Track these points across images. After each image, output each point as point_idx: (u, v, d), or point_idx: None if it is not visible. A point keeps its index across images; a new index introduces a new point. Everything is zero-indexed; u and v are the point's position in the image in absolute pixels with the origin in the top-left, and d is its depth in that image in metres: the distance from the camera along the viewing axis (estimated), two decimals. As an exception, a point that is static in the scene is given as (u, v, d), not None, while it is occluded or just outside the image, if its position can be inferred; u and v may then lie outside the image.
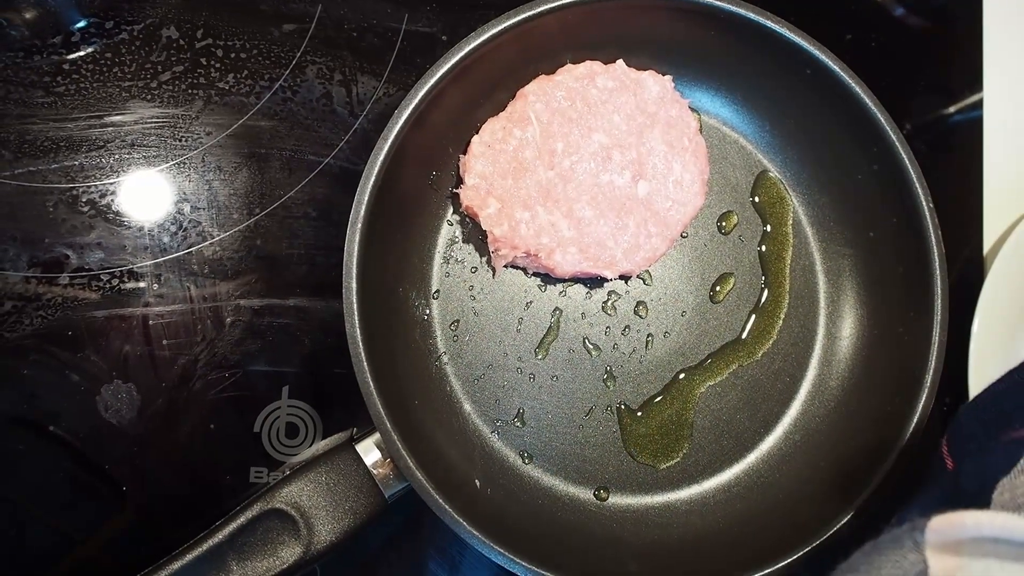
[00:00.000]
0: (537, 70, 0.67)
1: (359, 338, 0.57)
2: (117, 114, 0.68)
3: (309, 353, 0.67)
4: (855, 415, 0.66)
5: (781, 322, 0.69)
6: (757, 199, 0.71)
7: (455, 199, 0.67)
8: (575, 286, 0.68)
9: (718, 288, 0.69)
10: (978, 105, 0.79)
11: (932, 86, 0.80)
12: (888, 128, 0.64)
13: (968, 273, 0.74)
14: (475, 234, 0.68)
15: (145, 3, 0.70)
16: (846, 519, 0.59)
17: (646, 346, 0.68)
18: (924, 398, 0.61)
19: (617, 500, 0.66)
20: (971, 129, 0.78)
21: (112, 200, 0.67)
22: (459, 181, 0.66)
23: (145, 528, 0.64)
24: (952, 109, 0.79)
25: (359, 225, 0.58)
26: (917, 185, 0.63)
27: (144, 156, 0.68)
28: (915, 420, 0.60)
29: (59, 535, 0.63)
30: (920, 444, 0.60)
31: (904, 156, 0.63)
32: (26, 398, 0.64)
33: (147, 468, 0.64)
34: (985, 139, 0.78)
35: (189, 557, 0.54)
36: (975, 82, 0.79)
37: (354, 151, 0.70)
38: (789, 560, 0.58)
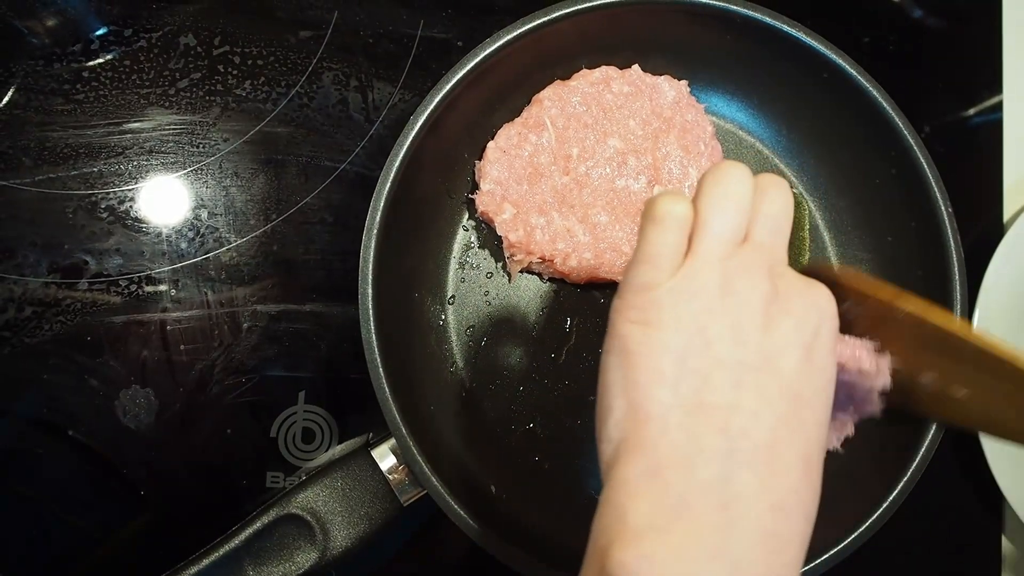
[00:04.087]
0: (552, 75, 0.67)
1: (375, 343, 0.57)
2: (135, 121, 0.69)
3: (325, 358, 0.67)
4: (871, 422, 0.66)
5: (798, 327, 0.69)
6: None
7: (470, 204, 0.67)
8: (591, 292, 0.68)
9: (734, 293, 0.69)
10: (997, 107, 0.78)
11: (950, 89, 0.79)
12: (906, 131, 0.63)
13: (988, 277, 0.73)
14: (490, 239, 0.67)
15: (163, 11, 0.71)
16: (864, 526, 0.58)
17: (662, 351, 0.67)
18: (944, 404, 0.60)
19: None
20: (990, 132, 0.78)
21: (130, 206, 0.67)
22: (474, 186, 0.66)
23: (162, 532, 0.64)
24: (971, 112, 0.79)
25: (375, 231, 0.58)
26: (935, 189, 0.63)
27: (162, 162, 0.68)
28: (934, 427, 0.60)
29: (78, 536, 0.63)
30: (938, 450, 0.60)
31: (922, 159, 0.63)
32: (46, 402, 0.64)
33: (164, 472, 0.65)
34: (1005, 141, 0.77)
35: (206, 562, 0.54)
36: (994, 84, 0.78)
37: (370, 157, 0.70)
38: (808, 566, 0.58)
